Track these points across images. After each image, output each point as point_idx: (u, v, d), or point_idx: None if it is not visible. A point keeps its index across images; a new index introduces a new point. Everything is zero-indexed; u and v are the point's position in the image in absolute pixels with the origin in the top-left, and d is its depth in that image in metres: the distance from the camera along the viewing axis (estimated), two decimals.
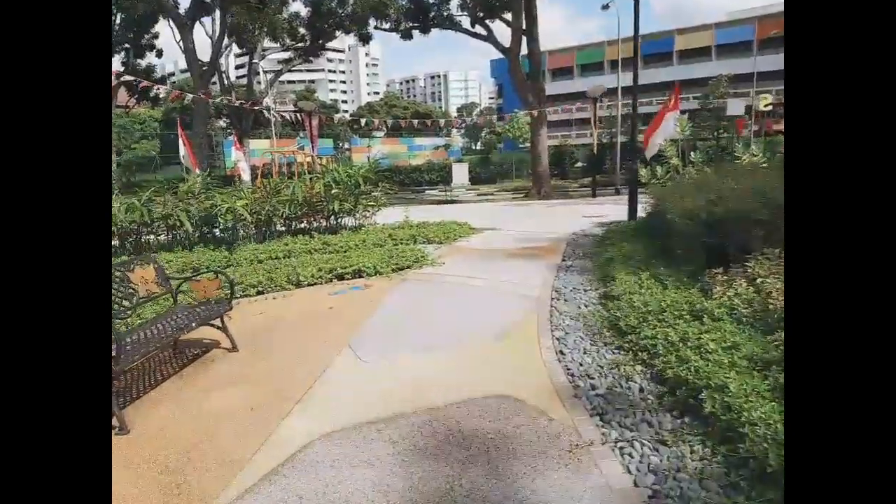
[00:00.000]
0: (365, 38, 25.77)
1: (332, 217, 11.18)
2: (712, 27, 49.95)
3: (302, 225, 11.34)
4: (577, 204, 18.01)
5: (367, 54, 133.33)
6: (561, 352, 4.37)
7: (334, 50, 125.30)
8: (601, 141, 35.88)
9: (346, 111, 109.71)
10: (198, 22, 28.91)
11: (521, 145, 37.84)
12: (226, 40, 29.34)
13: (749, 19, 47.95)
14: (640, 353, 4.06)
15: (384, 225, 11.35)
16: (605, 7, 24.22)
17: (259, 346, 4.86)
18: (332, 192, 10.96)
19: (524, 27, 22.05)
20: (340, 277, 7.22)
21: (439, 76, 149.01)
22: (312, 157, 17.76)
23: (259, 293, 6.73)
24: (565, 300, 5.81)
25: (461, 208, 18.73)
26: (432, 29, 24.76)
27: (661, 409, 3.32)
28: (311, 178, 11.25)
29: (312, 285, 6.99)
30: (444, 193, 25.33)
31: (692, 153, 11.38)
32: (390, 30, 25.15)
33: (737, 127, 15.35)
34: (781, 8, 47.73)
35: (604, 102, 23.30)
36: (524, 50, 22.48)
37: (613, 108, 35.82)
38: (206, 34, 27.36)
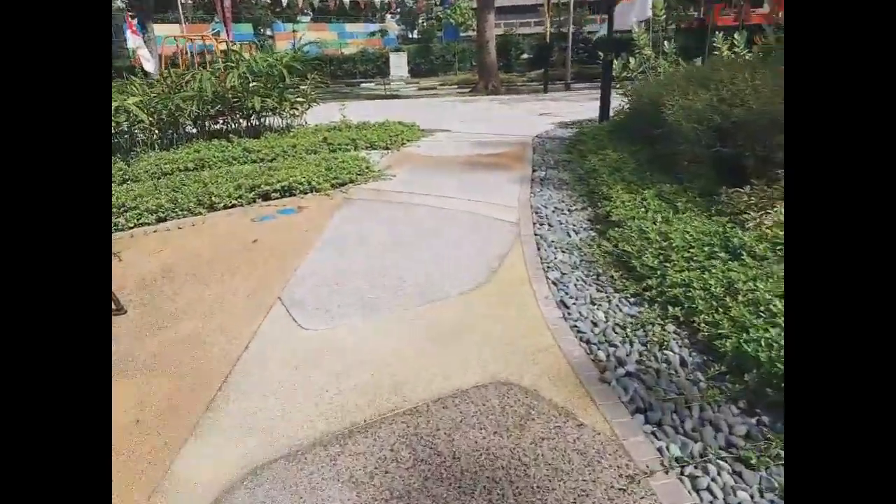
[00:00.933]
0: None
1: (254, 116, 9.35)
2: None
3: (217, 126, 9.47)
4: (529, 101, 16.59)
5: None
6: (563, 303, 3.36)
7: None
8: (547, 31, 33.70)
9: None
10: None
11: (463, 34, 34.91)
12: None
13: None
14: (668, 307, 3.12)
15: (317, 126, 9.66)
16: None
17: (155, 306, 3.55)
18: (251, 85, 9.05)
19: None
20: (266, 197, 5.78)
21: None
22: (227, 43, 15.12)
23: (160, 220, 5.23)
24: (550, 226, 4.74)
25: (403, 105, 16.87)
26: None
27: (722, 398, 2.42)
28: (222, 69, 9.19)
29: (230, 208, 5.54)
30: (381, 87, 22.97)
31: (665, 42, 10.13)
32: None
33: (713, 13, 14.01)
34: None
35: None
36: None
37: None
38: None
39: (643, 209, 4.34)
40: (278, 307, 3.44)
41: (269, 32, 50.84)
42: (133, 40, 15.75)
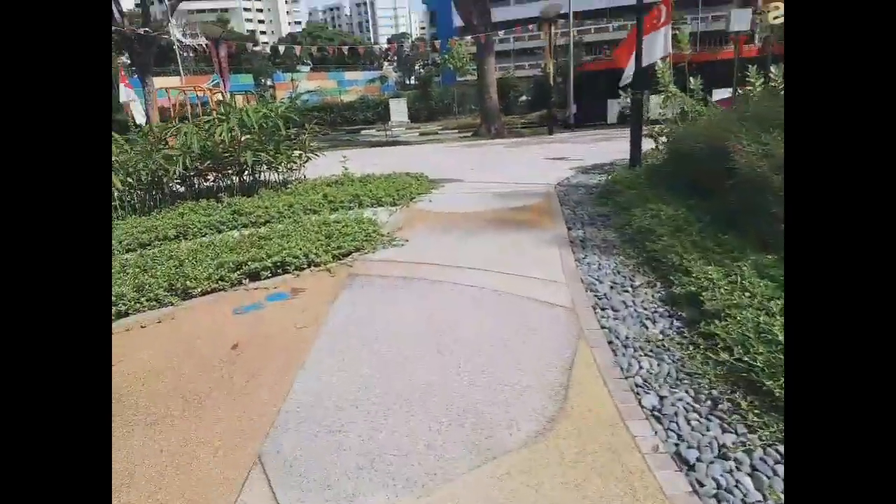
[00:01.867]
0: None
1: (247, 172, 8.40)
2: None
3: (208, 183, 8.52)
4: (536, 144, 15.80)
5: None
6: (682, 458, 2.23)
7: None
8: (545, 72, 33.52)
9: (266, 43, 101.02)
10: None
11: (461, 78, 34.71)
12: None
13: None
14: None
15: (317, 180, 8.69)
16: None
17: None
18: (244, 138, 8.13)
19: None
20: (254, 276, 4.70)
21: (365, 3, 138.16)
22: (223, 94, 14.41)
23: (120, 315, 4.13)
24: (614, 311, 3.63)
25: (406, 152, 16.07)
26: None
27: None
28: (211, 122, 8.28)
29: (209, 293, 4.45)
30: (383, 133, 22.31)
31: (690, 78, 9.30)
32: None
33: (738, 45, 13.23)
34: None
35: (557, 28, 20.66)
36: None
37: (560, 37, 33.24)
38: None
39: (745, 292, 3.24)
40: (257, 475, 2.30)
41: (269, 83, 51.20)
42: (125, 93, 15.07)
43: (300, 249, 4.90)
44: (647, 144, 8.22)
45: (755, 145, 4.50)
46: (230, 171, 8.29)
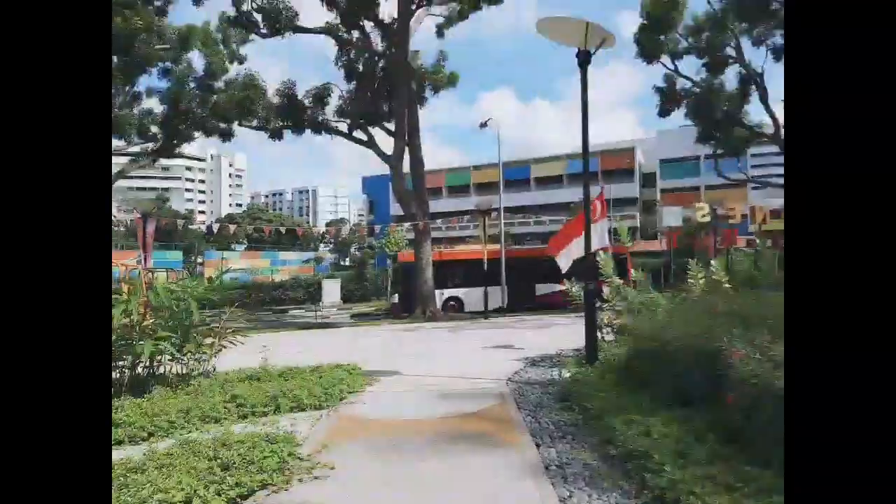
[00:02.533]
0: (226, 135, 22.23)
1: (141, 365, 6.91)
2: (564, 158, 54.52)
3: None
4: (473, 328, 15.24)
5: (230, 164, 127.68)
6: None
7: (194, 158, 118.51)
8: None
9: (203, 222, 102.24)
10: None
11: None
12: None
13: (594, 153, 53.24)
14: None
15: (228, 374, 7.29)
16: (483, 125, 23.77)
17: None
18: (147, 323, 6.84)
19: (406, 137, 20.40)
20: None
21: (308, 191, 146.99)
22: (140, 270, 13.15)
23: None
24: None
25: (337, 336, 14.94)
26: (306, 130, 22.15)
27: None
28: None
29: None
30: (312, 314, 21.19)
31: (633, 270, 9.29)
32: (258, 128, 22.09)
33: (724, 237, 13.66)
34: (621, 145, 54.19)
35: (490, 220, 21.78)
36: (405, 160, 20.64)
37: (490, 227, 35.53)
38: None
39: None
40: None
41: (199, 260, 50.20)
42: None
43: (181, 491, 3.44)
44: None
45: (749, 348, 3.89)
46: (122, 363, 6.77)
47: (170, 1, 22.77)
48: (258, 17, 20.32)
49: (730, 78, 27.70)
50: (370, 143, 21.43)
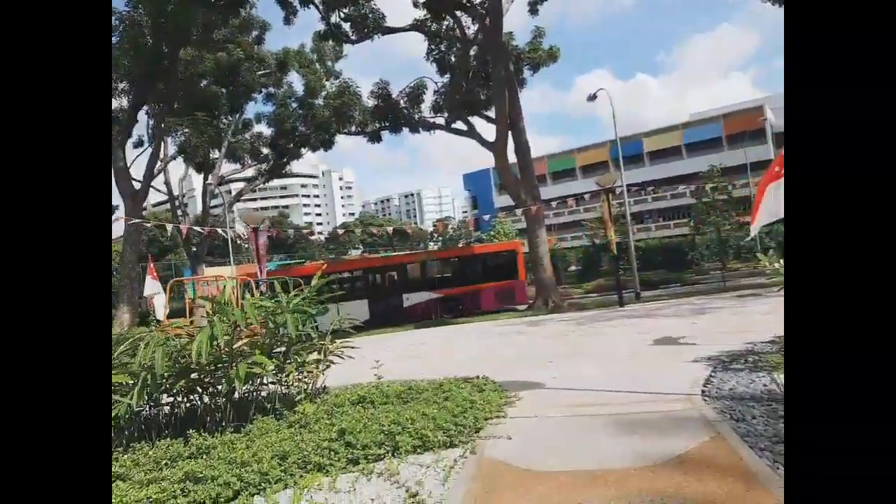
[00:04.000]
0: (326, 144, 21.93)
1: (239, 390, 5.83)
2: (680, 128, 49.19)
3: (189, 403, 5.96)
4: (610, 318, 12.99)
5: (340, 178, 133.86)
6: None
7: (306, 175, 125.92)
8: (594, 242, 32.09)
9: (321, 233, 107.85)
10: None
11: None
12: (179, 160, 25.46)
13: (714, 118, 47.39)
14: None
15: (339, 394, 6.03)
16: (593, 97, 21.17)
17: None
18: (240, 343, 5.77)
19: (509, 120, 18.55)
20: None
21: (413, 195, 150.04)
22: (251, 283, 12.69)
23: None
24: None
25: (455, 333, 13.52)
26: (403, 129, 21.17)
27: None
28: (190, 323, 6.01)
29: None
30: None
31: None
32: (356, 132, 21.53)
33: None
34: (746, 105, 47.67)
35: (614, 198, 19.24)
36: (510, 145, 18.79)
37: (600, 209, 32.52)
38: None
39: None
40: None
41: None
42: (150, 286, 13.71)
43: None
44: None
45: None
46: (218, 389, 5.75)
47: (266, 28, 23.07)
48: (346, 25, 19.62)
49: None
50: (471, 133, 19.89)
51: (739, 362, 6.15)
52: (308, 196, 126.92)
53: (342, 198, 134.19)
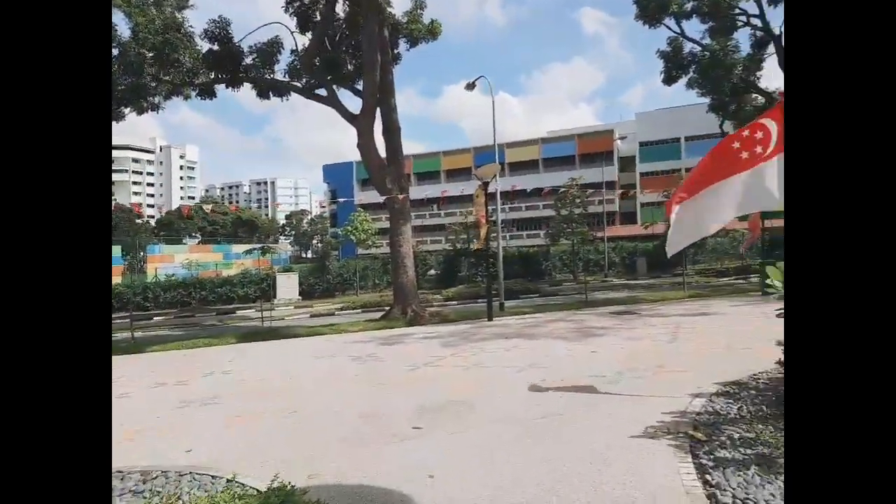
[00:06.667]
0: (139, 93, 16.53)
1: None
2: (539, 142, 50.37)
3: None
4: (483, 339, 10.43)
5: (182, 156, 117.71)
6: None
7: (141, 149, 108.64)
8: (455, 247, 30.24)
9: (152, 216, 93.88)
10: None
11: (363, 251, 30.30)
12: None
13: (570, 137, 49.32)
14: None
15: None
16: (471, 86, 18.98)
17: None
18: None
19: (378, 95, 15.42)
20: None
21: (265, 183, 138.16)
22: None
23: None
24: None
25: (289, 350, 9.93)
26: (244, 84, 16.86)
27: None
28: None
29: None
30: (263, 314, 15.89)
31: None
32: (183, 83, 16.61)
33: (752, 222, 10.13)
34: (594, 128, 50.45)
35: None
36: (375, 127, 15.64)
37: (465, 214, 30.90)
38: None
39: None
40: None
41: (142, 254, 43.58)
42: None
43: None
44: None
45: None
46: None
47: None
48: None
49: (742, 42, 23.92)
50: (331, 100, 16.32)
51: (731, 447, 3.73)
52: (140, 173, 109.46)
53: (182, 178, 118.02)
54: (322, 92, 16.73)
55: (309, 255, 64.72)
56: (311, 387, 6.84)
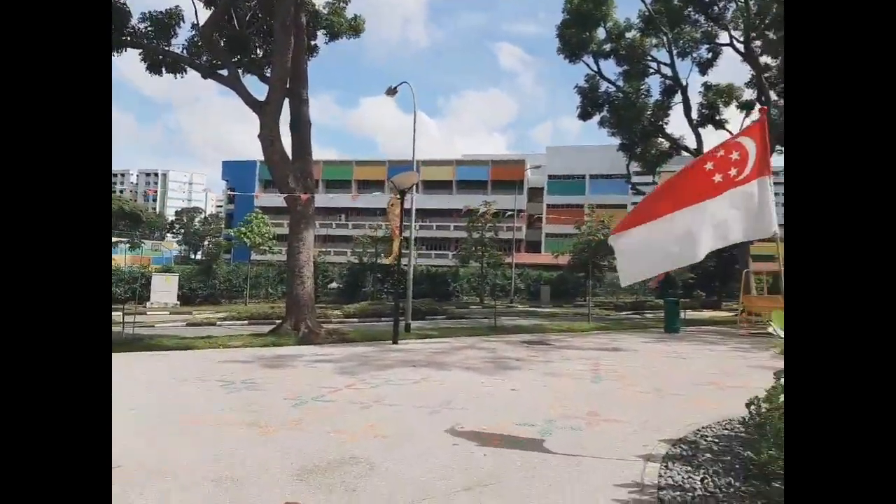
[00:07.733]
0: None
1: None
2: (454, 164, 50.31)
3: None
4: (388, 366, 9.07)
5: None
6: None
7: None
8: (361, 260, 28.58)
9: None
10: None
11: (260, 256, 27.62)
12: None
13: (484, 162, 49.78)
14: None
15: None
16: (393, 91, 17.87)
17: None
18: None
19: (289, 85, 13.75)
20: None
21: (156, 174, 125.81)
22: None
23: None
24: None
25: (147, 368, 7.83)
26: (126, 49, 14.37)
27: None
28: None
29: None
30: (125, 320, 13.14)
31: None
32: None
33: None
34: (508, 157, 51.41)
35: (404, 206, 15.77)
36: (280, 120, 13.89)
37: (375, 228, 29.40)
38: None
39: None
40: None
41: None
42: None
43: None
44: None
45: None
46: None
47: None
48: None
49: (653, 88, 25.26)
50: (233, 81, 14.30)
51: None
52: None
53: None
54: (224, 72, 14.67)
55: (199, 257, 59.14)
56: (153, 425, 5.09)
